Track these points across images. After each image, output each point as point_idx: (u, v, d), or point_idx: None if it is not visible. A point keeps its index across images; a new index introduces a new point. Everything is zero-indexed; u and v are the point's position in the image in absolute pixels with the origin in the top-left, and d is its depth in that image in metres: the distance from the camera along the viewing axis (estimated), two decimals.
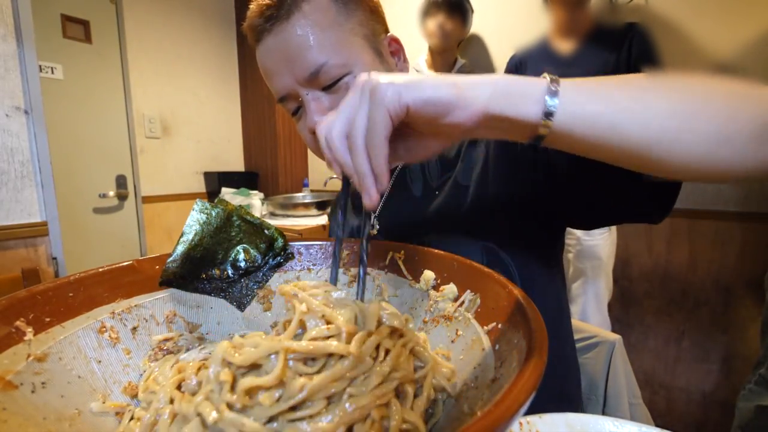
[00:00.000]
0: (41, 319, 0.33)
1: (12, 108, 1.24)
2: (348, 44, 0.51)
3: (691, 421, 1.42)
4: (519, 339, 0.27)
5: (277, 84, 0.53)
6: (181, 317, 0.43)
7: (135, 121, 2.21)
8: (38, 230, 1.30)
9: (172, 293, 0.43)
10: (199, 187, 2.59)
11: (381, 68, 0.54)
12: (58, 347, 0.32)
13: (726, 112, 0.30)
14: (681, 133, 0.29)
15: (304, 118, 0.54)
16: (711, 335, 1.36)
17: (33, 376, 0.29)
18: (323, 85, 0.50)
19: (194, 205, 0.46)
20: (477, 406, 0.26)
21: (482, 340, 0.33)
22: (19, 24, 1.23)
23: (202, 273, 0.45)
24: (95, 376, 0.34)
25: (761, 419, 0.89)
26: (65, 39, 1.93)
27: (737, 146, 0.29)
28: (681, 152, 0.30)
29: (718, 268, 1.32)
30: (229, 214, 0.47)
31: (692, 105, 0.30)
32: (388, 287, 0.48)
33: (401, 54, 0.59)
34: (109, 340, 0.36)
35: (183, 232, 0.44)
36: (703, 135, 0.29)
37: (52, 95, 1.86)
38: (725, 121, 0.29)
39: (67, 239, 1.41)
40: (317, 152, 0.57)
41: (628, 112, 0.30)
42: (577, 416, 0.26)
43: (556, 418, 0.26)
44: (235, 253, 0.47)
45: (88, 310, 0.36)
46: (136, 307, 0.40)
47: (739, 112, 0.30)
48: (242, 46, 2.69)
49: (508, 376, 0.24)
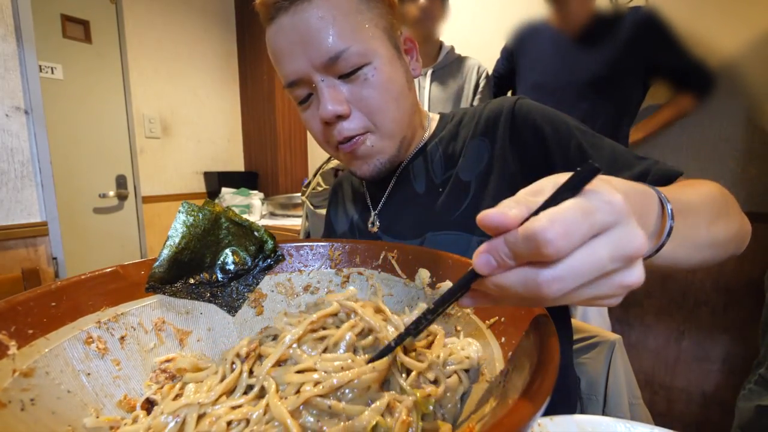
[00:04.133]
0: (24, 332, 0.31)
1: (12, 108, 1.24)
2: (369, 34, 0.49)
3: (691, 421, 1.42)
4: (528, 332, 0.26)
5: (289, 67, 0.50)
6: (170, 324, 0.41)
7: (135, 121, 2.21)
8: (38, 230, 1.30)
9: (159, 299, 0.41)
10: (199, 187, 2.59)
11: (398, 63, 0.53)
12: (44, 361, 0.30)
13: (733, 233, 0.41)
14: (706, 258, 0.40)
15: (314, 106, 0.52)
16: (711, 335, 1.35)
17: (21, 393, 0.28)
18: (341, 72, 0.49)
19: (180, 207, 0.43)
20: (493, 399, 0.25)
21: (485, 335, 0.33)
22: (19, 24, 1.23)
23: (191, 277, 0.43)
24: (85, 390, 0.32)
25: (761, 419, 0.89)
26: (65, 39, 1.93)
27: (723, 251, 0.41)
28: (696, 263, 0.39)
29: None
30: (216, 216, 0.45)
31: (724, 235, 0.40)
32: (382, 287, 0.47)
33: (414, 53, 0.59)
34: (97, 351, 0.34)
35: (168, 236, 0.42)
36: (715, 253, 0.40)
37: (52, 95, 1.86)
38: (730, 240, 0.41)
39: (67, 239, 1.41)
40: (324, 144, 0.56)
41: (688, 252, 0.37)
42: (588, 418, 0.26)
43: (566, 419, 0.26)
44: (224, 256, 0.45)
45: (72, 320, 0.34)
46: (122, 315, 0.38)
47: (730, 231, 0.41)
48: (242, 46, 2.69)
49: (521, 371, 0.24)
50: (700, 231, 0.37)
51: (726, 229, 0.40)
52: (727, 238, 0.41)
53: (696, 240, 0.37)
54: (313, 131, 0.56)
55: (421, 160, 0.60)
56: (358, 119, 0.51)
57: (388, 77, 0.51)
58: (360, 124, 0.52)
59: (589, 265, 0.21)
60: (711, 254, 0.40)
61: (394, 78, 0.52)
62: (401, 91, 0.53)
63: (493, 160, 0.54)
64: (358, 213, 0.68)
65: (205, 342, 0.43)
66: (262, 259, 0.48)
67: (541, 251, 0.19)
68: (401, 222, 0.60)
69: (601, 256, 0.21)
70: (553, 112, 0.54)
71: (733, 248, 0.43)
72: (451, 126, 0.61)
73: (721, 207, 0.41)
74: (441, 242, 0.54)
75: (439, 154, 0.59)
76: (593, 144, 0.50)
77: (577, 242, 0.20)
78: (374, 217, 0.63)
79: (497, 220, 0.21)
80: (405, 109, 0.55)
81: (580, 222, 0.20)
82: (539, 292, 0.21)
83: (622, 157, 0.48)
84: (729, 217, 0.41)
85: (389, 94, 0.51)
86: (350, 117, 0.51)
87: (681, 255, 0.36)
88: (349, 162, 0.57)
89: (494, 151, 0.54)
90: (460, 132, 0.59)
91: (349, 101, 0.51)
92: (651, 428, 0.27)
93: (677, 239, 0.33)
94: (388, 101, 0.52)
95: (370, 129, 0.53)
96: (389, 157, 0.56)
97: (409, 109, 0.56)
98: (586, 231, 0.20)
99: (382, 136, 0.54)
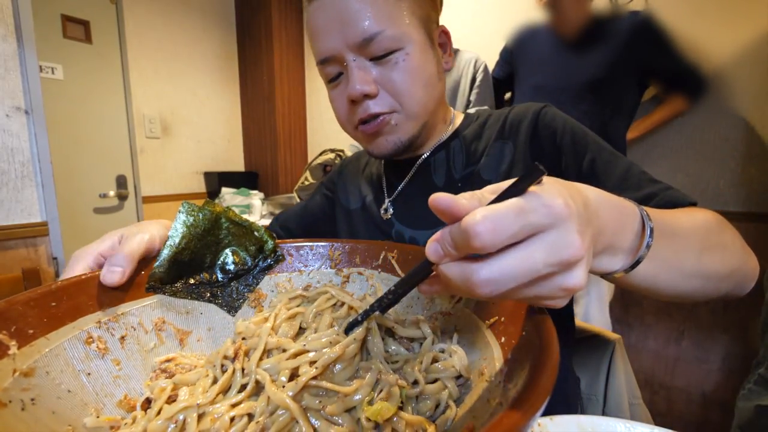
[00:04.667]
0: (24, 332, 0.31)
1: (12, 108, 1.24)
2: (405, 21, 0.50)
3: (691, 421, 1.42)
4: (528, 332, 0.27)
5: (324, 44, 0.51)
6: (170, 324, 0.41)
7: (135, 121, 2.21)
8: (38, 230, 1.30)
9: (159, 299, 0.41)
10: (199, 187, 2.59)
11: (430, 53, 0.54)
12: (44, 361, 0.31)
13: (730, 269, 0.39)
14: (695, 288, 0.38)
15: (343, 85, 0.53)
16: (711, 335, 1.36)
17: (21, 393, 0.28)
18: (373, 55, 0.50)
19: (180, 207, 0.43)
20: (493, 399, 0.25)
21: (485, 334, 0.33)
22: (19, 24, 1.23)
23: (191, 277, 0.43)
24: (85, 390, 0.32)
25: (761, 419, 0.89)
26: (65, 39, 1.93)
27: (715, 284, 0.39)
28: (683, 293, 0.38)
29: None
30: (216, 216, 0.46)
31: (718, 268, 0.38)
32: (382, 287, 0.47)
33: (448, 47, 0.59)
34: (97, 351, 0.35)
35: (169, 236, 0.42)
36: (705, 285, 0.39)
37: (53, 95, 1.86)
38: (726, 275, 0.39)
39: (67, 239, 1.41)
40: (345, 123, 0.57)
41: (672, 278, 0.36)
42: (588, 418, 0.26)
43: (567, 419, 0.26)
44: (224, 256, 0.46)
45: (72, 320, 0.34)
46: (122, 315, 0.38)
47: (726, 266, 0.39)
48: (242, 46, 2.69)
49: (520, 370, 0.24)
50: (688, 257, 0.36)
51: (721, 262, 0.39)
52: (722, 272, 0.39)
53: (682, 267, 0.36)
54: (337, 110, 0.56)
55: (443, 154, 0.61)
56: (384, 99, 0.52)
57: (419, 64, 0.52)
58: (386, 103, 0.53)
59: (522, 268, 0.21)
60: (701, 285, 0.38)
61: (425, 66, 0.53)
62: (430, 79, 0.54)
63: (514, 162, 0.55)
64: (372, 195, 0.68)
65: (205, 342, 0.43)
66: (262, 259, 0.48)
67: (470, 243, 0.20)
68: (415, 212, 0.61)
69: (535, 260, 0.21)
70: (576, 124, 0.54)
71: (730, 285, 0.41)
72: (475, 125, 0.62)
73: (718, 238, 0.39)
74: None
75: (462, 150, 0.60)
76: (608, 161, 0.50)
77: (505, 239, 0.20)
78: (388, 204, 0.64)
79: (444, 204, 0.22)
80: (432, 96, 0.55)
81: (512, 220, 0.20)
82: (474, 290, 0.22)
83: (633, 178, 0.48)
84: (726, 250, 0.40)
85: (418, 80, 0.52)
86: (377, 97, 0.52)
87: (663, 279, 0.35)
88: (368, 141, 0.57)
89: (515, 155, 0.55)
90: (484, 132, 0.60)
91: (378, 82, 0.51)
92: (651, 428, 0.27)
93: (658, 260, 0.33)
94: (417, 85, 0.52)
95: (396, 109, 0.53)
96: (409, 138, 0.56)
97: (436, 97, 0.57)
98: (517, 230, 0.20)
99: (407, 117, 0.54)
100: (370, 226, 0.66)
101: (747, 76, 1.23)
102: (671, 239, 0.34)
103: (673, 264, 0.35)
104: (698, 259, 0.37)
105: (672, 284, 0.36)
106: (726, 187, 1.27)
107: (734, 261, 0.40)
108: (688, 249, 0.36)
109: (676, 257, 0.35)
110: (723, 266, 0.39)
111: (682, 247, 0.36)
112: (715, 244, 0.38)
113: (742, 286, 0.42)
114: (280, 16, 2.48)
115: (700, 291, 0.39)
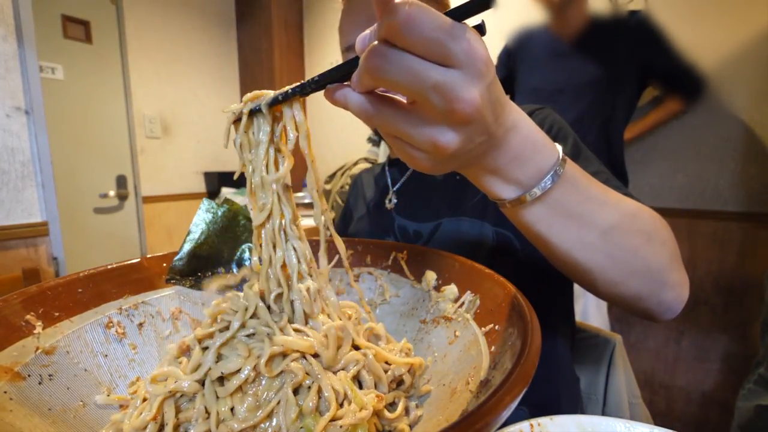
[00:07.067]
0: (51, 314, 0.34)
1: (12, 108, 1.24)
2: None
3: (691, 421, 1.42)
4: (514, 341, 0.27)
5: (350, 33, 0.55)
6: (186, 314, 0.44)
7: (135, 121, 2.21)
8: (39, 230, 1.30)
9: (178, 290, 0.44)
10: (200, 187, 2.59)
11: None
12: (65, 341, 0.33)
13: (643, 262, 0.35)
14: (595, 261, 0.34)
15: None
16: (710, 335, 1.36)
17: (40, 368, 0.30)
18: None
19: (201, 204, 0.47)
20: (469, 407, 0.26)
21: (479, 342, 0.33)
22: (19, 24, 1.23)
23: (208, 271, 0.46)
24: (101, 370, 0.35)
25: (761, 419, 0.90)
26: (66, 39, 1.93)
27: (619, 270, 0.35)
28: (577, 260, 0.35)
29: (718, 268, 1.32)
30: (234, 214, 0.48)
31: (626, 254, 0.35)
32: (390, 287, 0.48)
33: None
34: (116, 335, 0.37)
35: (189, 231, 0.45)
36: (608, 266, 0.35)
37: (53, 95, 1.86)
38: (638, 268, 0.35)
39: (67, 239, 1.41)
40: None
41: (570, 239, 0.33)
42: (588, 418, 0.26)
43: (567, 419, 0.26)
44: (240, 252, 0.48)
45: (96, 305, 0.37)
46: (143, 303, 0.41)
47: (640, 257, 0.35)
48: (242, 46, 2.69)
49: (499, 379, 0.24)
50: (594, 224, 0.33)
51: (635, 250, 0.35)
52: (633, 263, 0.35)
53: (583, 231, 0.33)
54: None
55: None
56: None
57: None
58: None
59: (413, 70, 0.21)
60: (602, 264, 0.34)
61: None
62: None
63: None
64: (377, 194, 0.71)
65: None
66: None
67: (391, 22, 0.20)
68: (417, 204, 0.63)
69: (429, 76, 0.21)
70: (564, 124, 0.56)
71: (642, 286, 0.36)
72: None
73: (642, 227, 0.36)
74: (456, 228, 0.56)
75: None
76: (587, 158, 0.51)
77: (416, 38, 0.20)
78: (392, 194, 0.67)
79: None
80: None
81: (432, 25, 0.20)
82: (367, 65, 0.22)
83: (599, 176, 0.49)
84: (648, 244, 0.35)
85: None
86: None
87: (557, 233, 0.33)
88: None
89: None
90: None
91: None
92: (651, 428, 0.27)
93: (557, 210, 0.32)
94: None
95: None
96: None
97: None
98: (431, 38, 0.20)
99: None
100: (374, 226, 0.68)
101: (747, 76, 1.23)
102: (581, 196, 0.32)
103: (574, 222, 0.33)
104: (606, 233, 0.33)
105: (566, 245, 0.34)
106: (726, 187, 1.27)
107: (654, 259, 0.36)
108: (599, 217, 0.33)
109: (580, 218, 0.33)
110: (636, 257, 0.35)
111: (591, 210, 0.33)
112: (635, 230, 0.35)
113: (658, 298, 0.37)
114: (280, 16, 2.48)
115: (600, 271, 0.35)
